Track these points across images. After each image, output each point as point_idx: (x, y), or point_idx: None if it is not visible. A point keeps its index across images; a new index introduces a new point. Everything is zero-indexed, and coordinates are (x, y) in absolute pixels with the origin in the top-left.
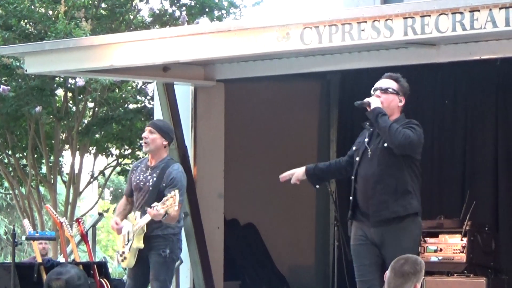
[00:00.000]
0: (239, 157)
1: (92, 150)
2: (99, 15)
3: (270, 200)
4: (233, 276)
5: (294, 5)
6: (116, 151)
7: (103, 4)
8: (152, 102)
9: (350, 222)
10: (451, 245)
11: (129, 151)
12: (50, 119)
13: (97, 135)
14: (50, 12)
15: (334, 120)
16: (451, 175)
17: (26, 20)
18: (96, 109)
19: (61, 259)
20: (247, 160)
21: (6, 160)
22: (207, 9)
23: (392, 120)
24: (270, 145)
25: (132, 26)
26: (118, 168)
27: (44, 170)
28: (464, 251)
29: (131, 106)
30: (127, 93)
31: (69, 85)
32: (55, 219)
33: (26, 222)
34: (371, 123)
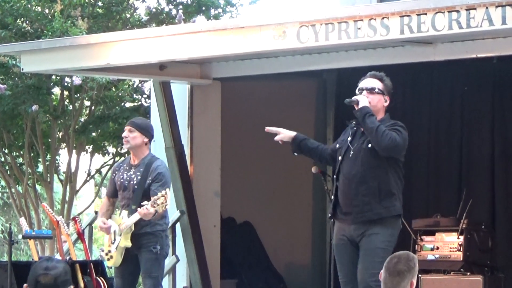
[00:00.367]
0: (236, 155)
1: (89, 148)
2: (96, 14)
3: (267, 199)
4: (229, 274)
5: (291, 3)
6: (113, 150)
7: (100, 3)
8: (149, 101)
9: (332, 221)
10: (448, 243)
11: (125, 150)
12: (46, 117)
13: (93, 134)
14: (47, 11)
15: (331, 119)
16: (447, 173)
17: (22, 19)
18: (92, 107)
19: (57, 257)
20: (244, 159)
21: (3, 158)
22: (203, 7)
23: (378, 120)
24: (267, 143)
25: (129, 24)
26: None
27: (40, 168)
28: (461, 249)
29: (127, 104)
30: (123, 91)
31: (65, 83)
32: (51, 218)
33: (23, 221)
34: (357, 122)
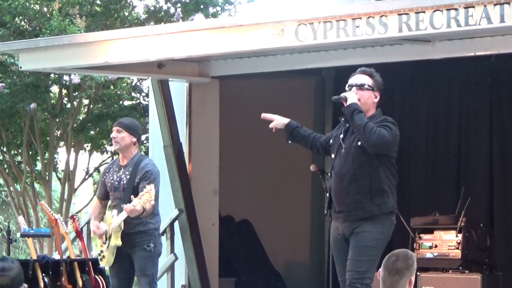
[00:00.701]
0: (234, 153)
1: (87, 147)
2: (94, 12)
3: (265, 197)
4: (228, 272)
5: (289, 1)
6: (111, 148)
7: (98, 1)
8: (147, 99)
9: (330, 219)
10: (446, 241)
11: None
12: (45, 116)
13: (92, 132)
14: (45, 9)
15: (329, 117)
16: (446, 171)
17: (20, 17)
18: (91, 106)
19: (56, 256)
20: (242, 157)
21: (1, 157)
22: (202, 6)
23: (368, 117)
24: (265, 141)
25: (127, 23)
26: None
27: (39, 167)
28: (459, 247)
29: (126, 103)
30: (122, 90)
31: (64, 82)
32: (50, 216)
33: (21, 219)
34: (346, 119)
